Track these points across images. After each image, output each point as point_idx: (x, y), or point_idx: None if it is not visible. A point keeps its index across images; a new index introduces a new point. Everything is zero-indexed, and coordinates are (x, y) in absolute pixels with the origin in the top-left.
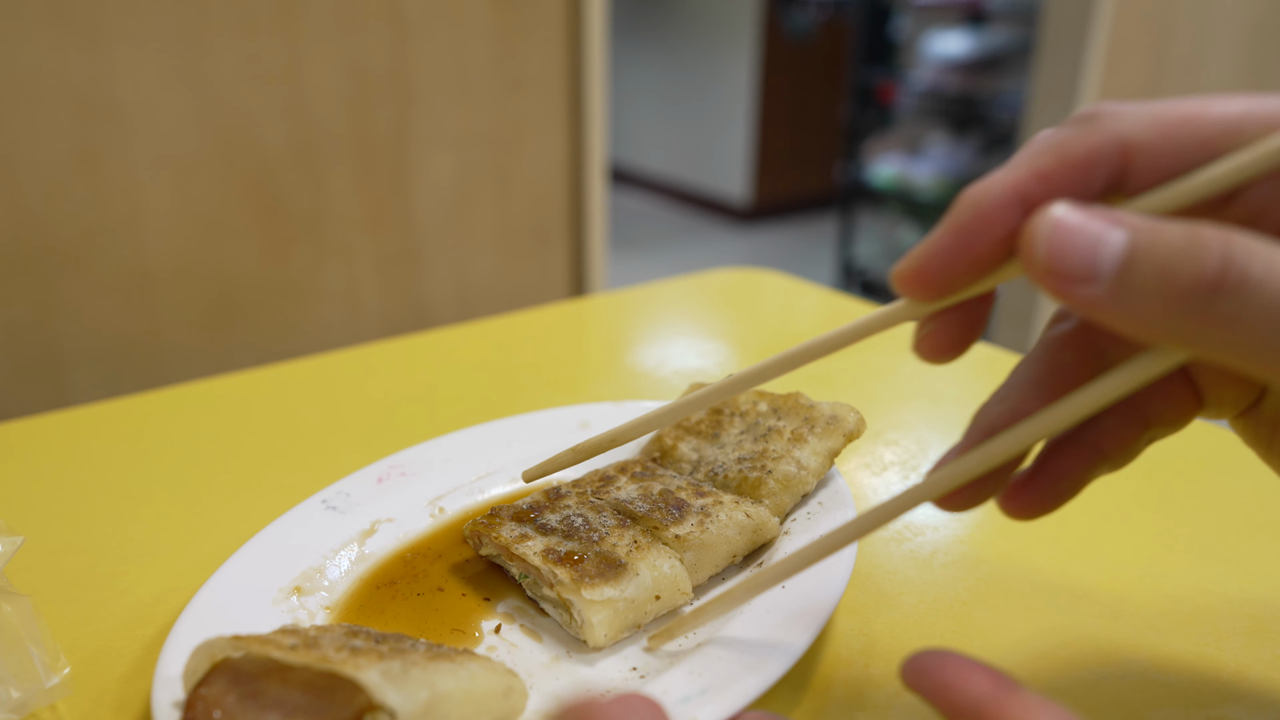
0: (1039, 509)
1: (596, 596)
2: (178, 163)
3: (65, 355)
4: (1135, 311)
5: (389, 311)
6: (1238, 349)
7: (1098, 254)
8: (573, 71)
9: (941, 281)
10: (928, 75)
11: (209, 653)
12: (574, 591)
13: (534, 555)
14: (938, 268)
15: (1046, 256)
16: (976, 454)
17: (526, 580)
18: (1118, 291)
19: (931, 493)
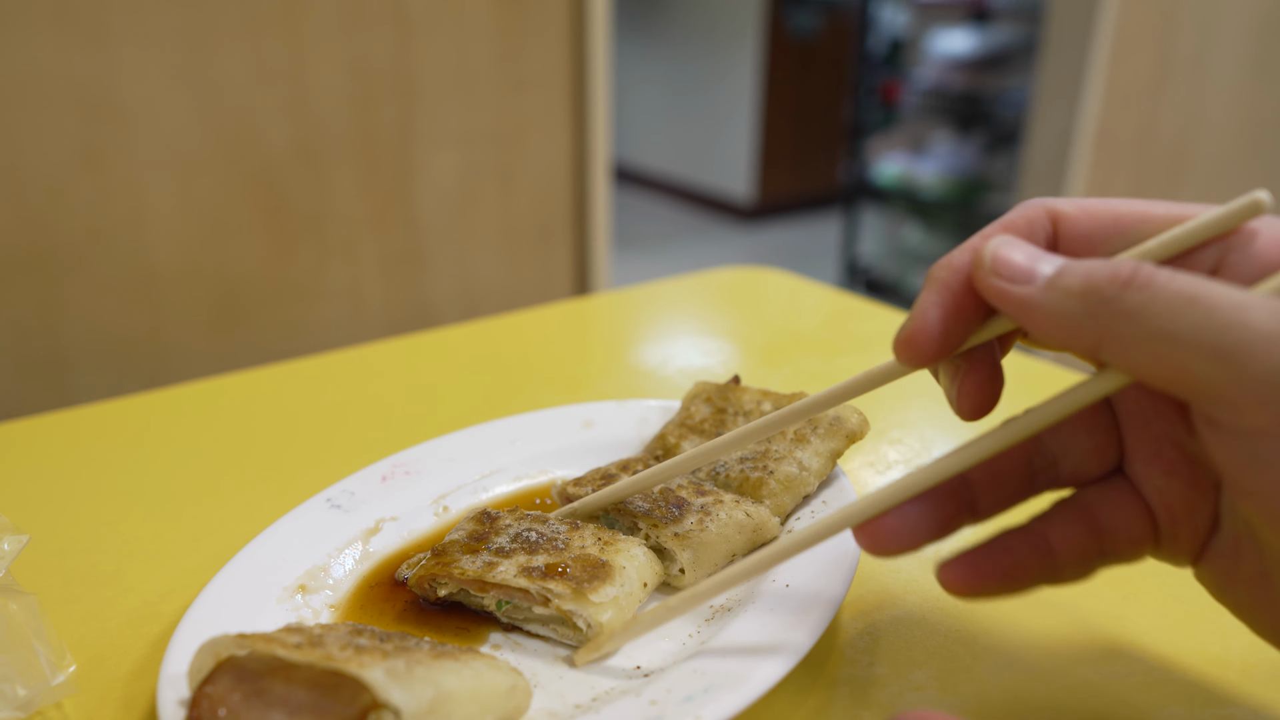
0: (975, 588)
1: (603, 598)
2: (182, 162)
3: (69, 355)
4: (1058, 306)
5: (393, 311)
6: (1139, 341)
7: (1035, 264)
8: (576, 70)
9: (935, 342)
10: (932, 73)
11: (214, 651)
12: (577, 600)
13: (514, 578)
14: (929, 328)
15: (992, 262)
16: (904, 480)
17: (506, 607)
18: (1047, 289)
19: (850, 520)
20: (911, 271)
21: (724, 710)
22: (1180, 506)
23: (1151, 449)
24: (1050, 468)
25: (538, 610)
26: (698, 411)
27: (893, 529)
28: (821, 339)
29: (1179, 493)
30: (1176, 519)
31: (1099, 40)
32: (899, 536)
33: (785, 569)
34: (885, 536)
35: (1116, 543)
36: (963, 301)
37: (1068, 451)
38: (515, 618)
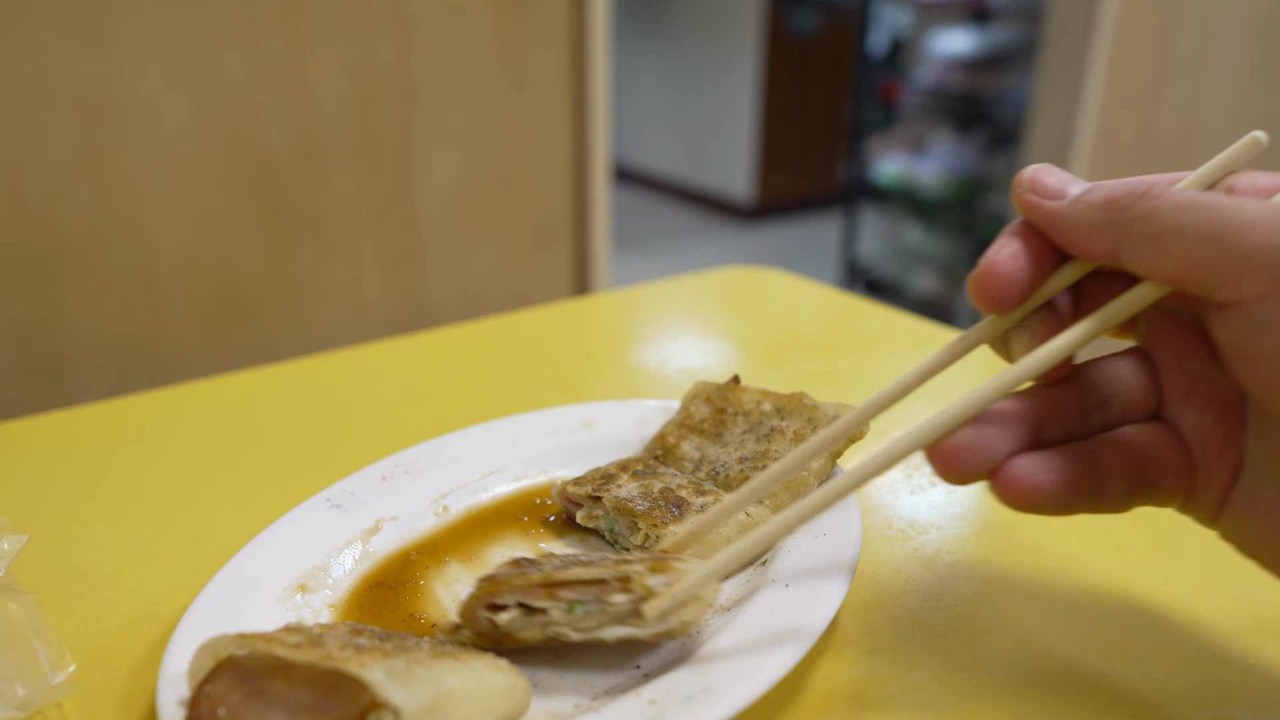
0: (1033, 492)
1: (686, 564)
2: (182, 162)
3: (70, 354)
4: (1082, 216)
5: (393, 310)
6: (1150, 238)
7: (1066, 185)
8: (576, 70)
9: (1012, 275)
10: (932, 73)
11: (214, 650)
12: (658, 568)
13: (586, 572)
14: (1004, 262)
15: (1030, 181)
16: (965, 399)
17: (578, 611)
18: (1073, 203)
19: (920, 442)
20: (911, 271)
21: (724, 710)
22: (1213, 442)
23: (1186, 388)
24: (1101, 407)
25: (617, 601)
26: (697, 411)
27: (970, 445)
28: (821, 339)
29: (1211, 428)
30: (1210, 456)
31: (1099, 40)
32: (976, 454)
33: (785, 569)
34: (962, 454)
35: (1157, 473)
36: (1034, 243)
37: (1116, 393)
38: (587, 627)
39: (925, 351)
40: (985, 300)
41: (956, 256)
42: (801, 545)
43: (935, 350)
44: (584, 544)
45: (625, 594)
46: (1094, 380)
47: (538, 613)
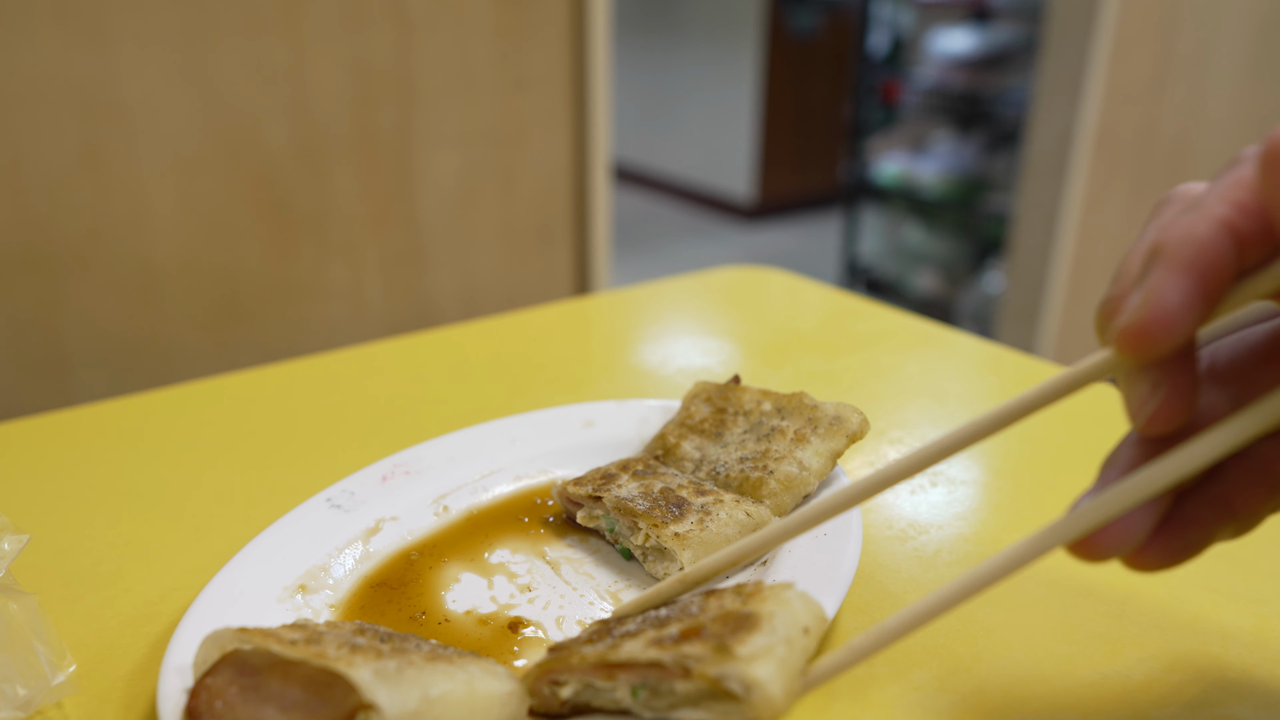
0: (1168, 559)
1: (751, 650)
2: (182, 162)
3: (70, 354)
4: None
5: (393, 310)
6: None
7: None
8: (576, 70)
9: (1177, 328)
10: (932, 72)
11: (218, 643)
12: (720, 659)
13: (643, 651)
14: (1170, 314)
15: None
16: (1114, 491)
17: (643, 695)
18: None
19: (1068, 535)
20: (912, 271)
21: None
22: None
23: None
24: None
25: (681, 688)
26: (698, 411)
27: (1117, 537)
28: (822, 339)
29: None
30: None
31: (1099, 39)
32: (1123, 544)
33: (785, 569)
34: (1109, 545)
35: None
36: (1209, 284)
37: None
38: (658, 707)
39: (926, 351)
40: (1136, 357)
41: (957, 256)
42: (802, 545)
43: (940, 354)
44: (584, 544)
45: (686, 682)
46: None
47: (603, 691)
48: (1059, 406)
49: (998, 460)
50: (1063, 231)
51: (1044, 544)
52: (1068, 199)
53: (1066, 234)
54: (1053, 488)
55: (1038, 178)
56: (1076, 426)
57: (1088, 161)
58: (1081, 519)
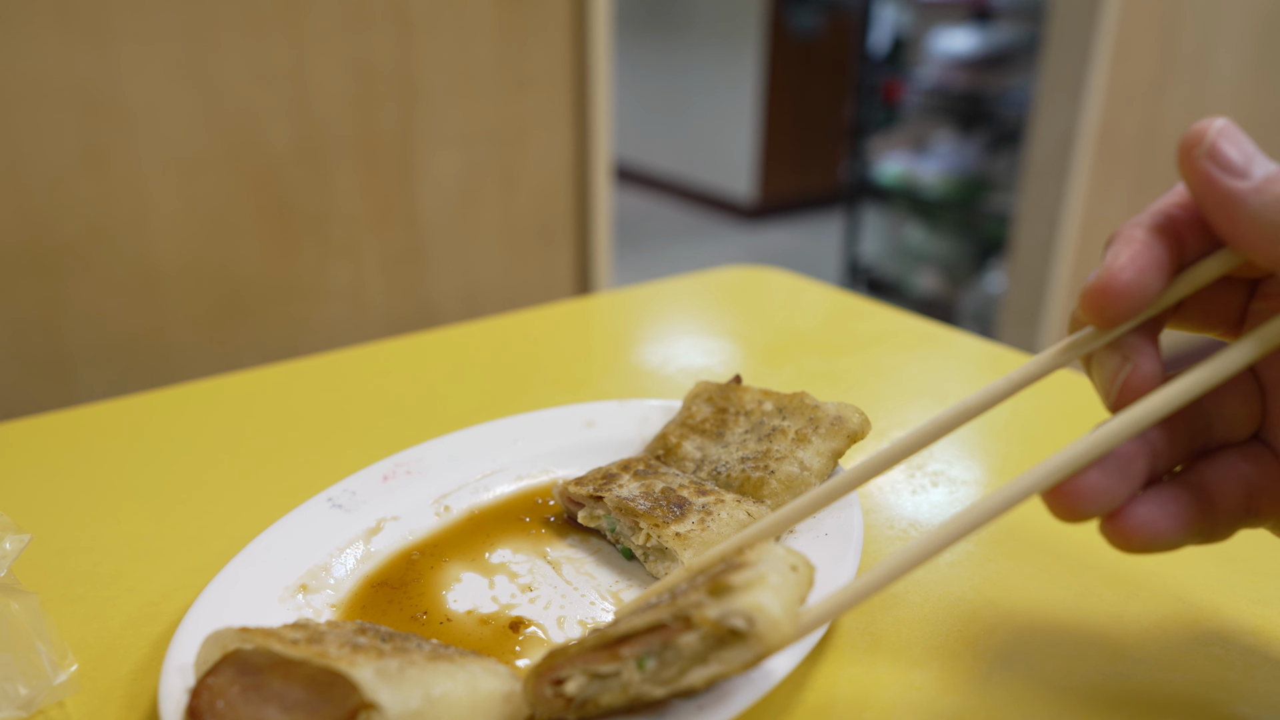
0: (1153, 536)
1: (746, 578)
2: (183, 162)
3: (72, 354)
4: (1263, 210)
5: (394, 310)
6: None
7: (1251, 162)
8: (577, 70)
9: (1132, 288)
10: (934, 72)
11: (220, 643)
12: (719, 596)
13: (643, 619)
14: (1123, 273)
15: (1210, 147)
16: (1088, 440)
17: (650, 666)
18: (1258, 190)
19: (1042, 483)
20: (913, 271)
21: (728, 709)
22: None
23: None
24: (1205, 431)
25: (687, 645)
26: (699, 411)
27: (1095, 490)
28: (823, 339)
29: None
30: None
31: (1101, 39)
32: (1099, 499)
33: None
34: (1085, 498)
35: (1262, 501)
36: (1156, 250)
37: (1223, 415)
38: (668, 677)
39: (927, 351)
40: (1098, 317)
41: (958, 256)
42: (803, 545)
43: (941, 354)
44: (585, 544)
45: (692, 632)
46: (1201, 404)
47: (610, 677)
48: (1061, 407)
49: (999, 460)
50: (1064, 231)
51: (1020, 491)
52: (1069, 199)
53: (1068, 234)
54: None
55: (1039, 177)
56: (1078, 427)
57: (1089, 161)
58: (1055, 466)
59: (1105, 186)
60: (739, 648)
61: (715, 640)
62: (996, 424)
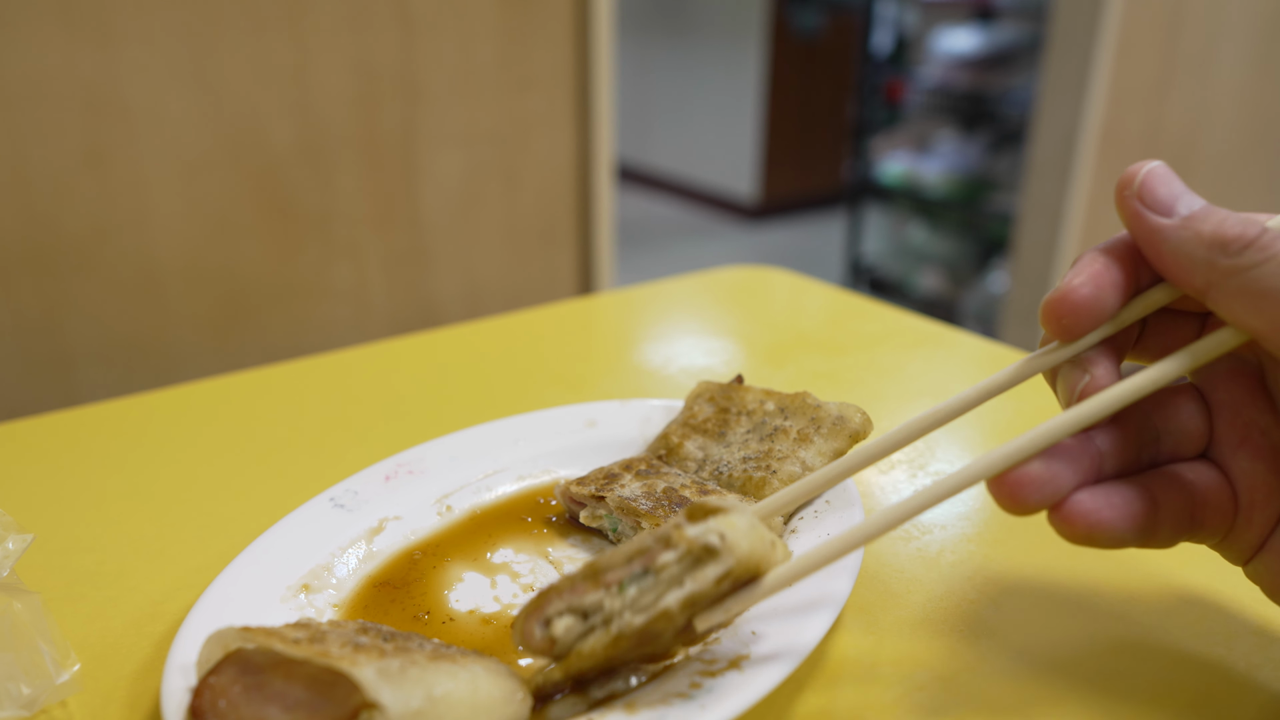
0: (1097, 526)
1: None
2: (186, 161)
3: (75, 353)
4: (1183, 245)
5: (397, 310)
6: (1245, 294)
7: (1177, 201)
8: (580, 70)
9: (1088, 301)
10: (936, 72)
11: (222, 642)
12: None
13: (624, 558)
14: (1081, 288)
15: (1139, 186)
16: (1033, 433)
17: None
18: (1180, 226)
19: (989, 470)
20: (916, 270)
21: (729, 709)
22: (1261, 489)
23: (1241, 434)
24: (1154, 443)
25: (667, 566)
26: (701, 411)
27: (1038, 479)
28: (825, 338)
29: (1262, 476)
30: (1255, 502)
31: (1104, 39)
32: (1042, 489)
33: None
34: (1029, 488)
35: (1206, 513)
36: (1112, 272)
37: (1170, 430)
38: (647, 603)
39: (929, 351)
40: (1056, 327)
41: (961, 256)
42: (805, 545)
43: (944, 354)
44: (588, 544)
45: (671, 550)
46: (1150, 416)
47: (594, 613)
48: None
49: None
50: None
51: (967, 478)
52: (1072, 198)
53: (1071, 233)
54: None
55: (1042, 177)
56: None
57: (1092, 161)
58: (999, 456)
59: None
60: (712, 564)
61: (691, 560)
62: (999, 424)
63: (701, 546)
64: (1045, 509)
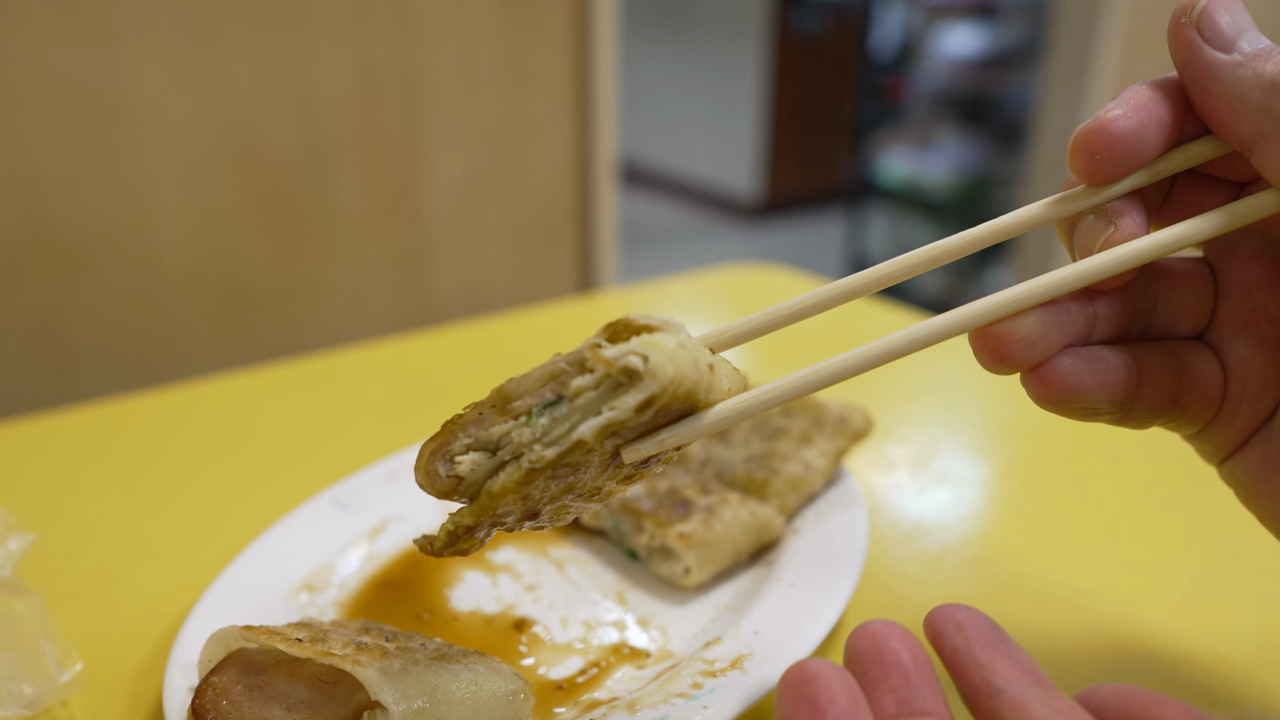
0: (1071, 388)
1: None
2: (188, 160)
3: (77, 352)
4: (1239, 86)
5: (398, 308)
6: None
7: (1240, 35)
8: (582, 69)
9: (1121, 134)
10: (939, 71)
11: (224, 642)
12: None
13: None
14: (1114, 120)
15: (1200, 14)
16: (1030, 285)
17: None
18: (1238, 64)
19: (974, 320)
20: None
21: (729, 708)
22: (1255, 380)
23: (1247, 318)
24: (1148, 313)
25: (582, 392)
26: None
27: (1027, 337)
28: (827, 337)
29: (1259, 367)
30: (1245, 393)
31: (1106, 37)
32: (1030, 347)
33: (791, 569)
34: (1015, 344)
35: (1190, 397)
36: (1158, 109)
37: (1169, 301)
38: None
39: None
40: (1088, 164)
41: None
42: (808, 545)
43: (946, 353)
44: (589, 544)
45: (586, 374)
46: (1151, 283)
47: (503, 447)
48: None
49: (1003, 460)
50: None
51: (950, 325)
52: None
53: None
54: (1057, 487)
55: (1044, 177)
56: (1080, 428)
57: None
58: (993, 304)
59: None
60: (633, 391)
61: (611, 387)
62: (1001, 424)
63: (620, 369)
64: (1026, 368)
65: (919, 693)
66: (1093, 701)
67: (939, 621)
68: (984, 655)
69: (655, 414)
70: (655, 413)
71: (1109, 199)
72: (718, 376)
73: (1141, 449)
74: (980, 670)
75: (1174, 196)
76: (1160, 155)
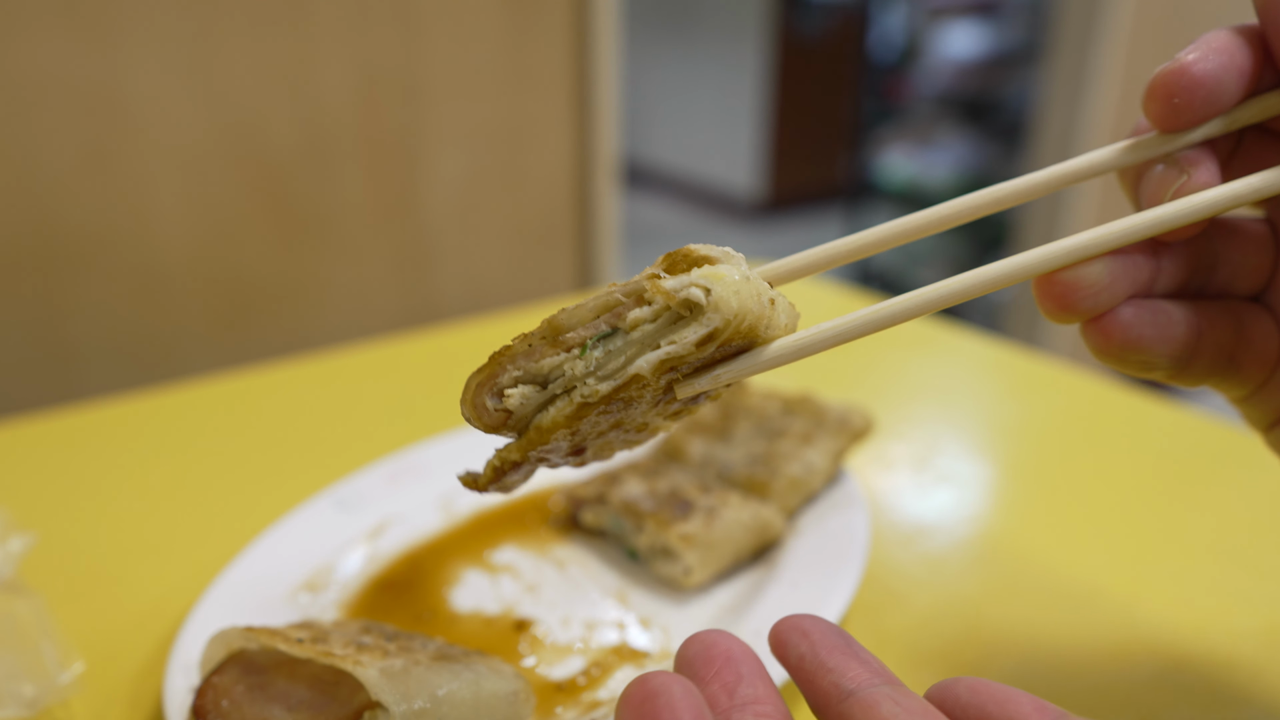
0: (1131, 338)
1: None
2: (188, 160)
3: (78, 351)
4: None
5: (399, 308)
6: None
7: None
8: (583, 69)
9: (1200, 79)
10: (940, 71)
11: (225, 642)
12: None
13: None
14: (1194, 64)
15: None
16: (1097, 232)
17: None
18: None
19: (1040, 267)
20: (918, 268)
21: None
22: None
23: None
24: (1208, 269)
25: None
26: (704, 411)
27: (1094, 285)
28: None
29: None
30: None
31: (1107, 37)
32: (1095, 296)
33: (792, 569)
34: (1081, 293)
35: (1247, 357)
36: (1239, 55)
37: (1230, 259)
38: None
39: (933, 350)
40: (1164, 108)
41: (964, 253)
42: (809, 546)
43: (947, 352)
44: (590, 544)
45: (643, 306)
46: (1213, 239)
47: (553, 381)
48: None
49: (1004, 460)
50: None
51: (1016, 269)
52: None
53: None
54: (1058, 487)
55: None
56: (1082, 428)
57: None
58: (1060, 250)
59: (1111, 186)
60: (694, 325)
61: (670, 320)
62: (1003, 425)
63: (681, 301)
64: (1088, 318)
65: (750, 684)
66: (946, 698)
67: (783, 632)
68: (832, 660)
69: (715, 349)
70: (716, 348)
71: (1181, 147)
72: (777, 312)
73: (1143, 449)
74: (829, 675)
75: (1241, 150)
76: (1237, 104)
